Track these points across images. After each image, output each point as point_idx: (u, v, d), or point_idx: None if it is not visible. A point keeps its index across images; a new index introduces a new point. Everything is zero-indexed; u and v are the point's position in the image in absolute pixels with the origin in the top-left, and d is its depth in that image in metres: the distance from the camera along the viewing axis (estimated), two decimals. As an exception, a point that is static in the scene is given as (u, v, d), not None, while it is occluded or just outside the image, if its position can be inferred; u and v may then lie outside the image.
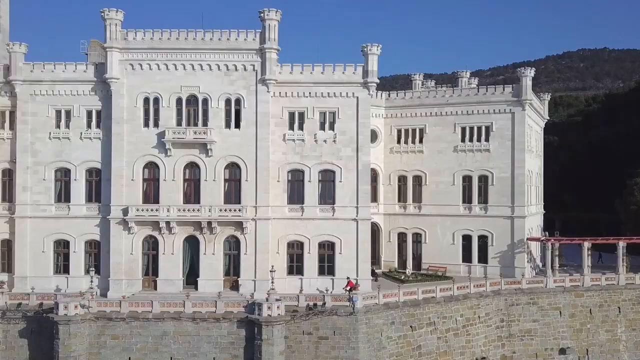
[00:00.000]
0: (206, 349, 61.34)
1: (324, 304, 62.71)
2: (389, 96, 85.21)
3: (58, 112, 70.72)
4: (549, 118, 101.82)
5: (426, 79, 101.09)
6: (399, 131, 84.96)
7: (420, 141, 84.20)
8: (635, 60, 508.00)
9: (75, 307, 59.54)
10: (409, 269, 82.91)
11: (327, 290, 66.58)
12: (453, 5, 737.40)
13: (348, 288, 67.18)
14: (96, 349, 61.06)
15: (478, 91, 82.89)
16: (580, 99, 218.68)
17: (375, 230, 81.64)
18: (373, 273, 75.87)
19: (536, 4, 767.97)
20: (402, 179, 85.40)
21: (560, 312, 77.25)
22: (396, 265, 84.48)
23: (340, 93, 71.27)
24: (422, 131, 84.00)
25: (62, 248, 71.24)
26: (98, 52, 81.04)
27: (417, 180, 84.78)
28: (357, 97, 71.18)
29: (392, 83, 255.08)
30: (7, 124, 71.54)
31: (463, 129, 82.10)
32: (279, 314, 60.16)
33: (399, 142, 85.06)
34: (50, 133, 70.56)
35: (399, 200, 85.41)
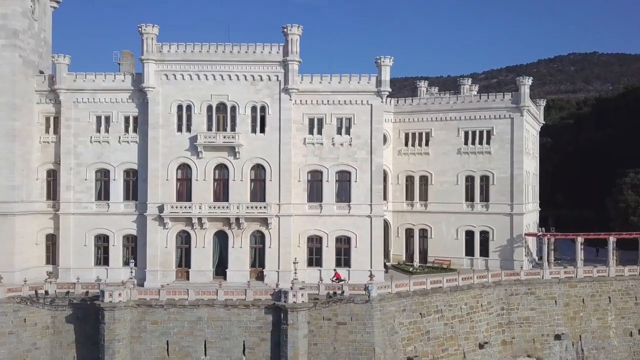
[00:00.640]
0: (237, 332, 64.52)
1: (343, 292, 65.82)
2: (397, 102, 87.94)
3: (98, 118, 74.06)
4: (544, 122, 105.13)
5: (430, 86, 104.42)
6: (407, 135, 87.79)
7: (427, 144, 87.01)
8: (624, 64, 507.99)
9: (119, 295, 63.09)
10: (416, 262, 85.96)
11: (344, 280, 70.23)
12: (449, 10, 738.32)
13: (335, 279, 71.19)
14: (137, 332, 64.29)
15: (480, 98, 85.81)
16: (572, 103, 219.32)
17: (384, 226, 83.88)
18: (384, 265, 78.83)
19: (529, 9, 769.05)
20: (409, 179, 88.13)
21: (555, 301, 79.64)
22: (404, 259, 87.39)
23: (356, 101, 74.47)
24: (428, 135, 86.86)
25: (102, 242, 74.63)
26: (129, 62, 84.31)
27: (424, 180, 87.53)
28: (371, 105, 74.41)
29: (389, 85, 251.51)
30: (51, 129, 75.04)
31: (466, 133, 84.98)
32: (302, 301, 63.37)
33: (406, 144, 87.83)
34: (91, 137, 73.94)
35: (407, 199, 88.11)
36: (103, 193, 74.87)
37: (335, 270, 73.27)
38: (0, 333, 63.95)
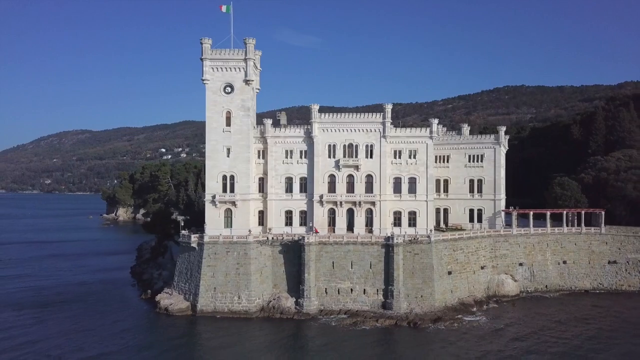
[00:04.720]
0: (367, 258, 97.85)
1: (417, 238, 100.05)
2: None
3: (286, 151, 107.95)
4: (507, 147, 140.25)
5: (444, 127, 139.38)
6: (436, 156, 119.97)
7: (447, 161, 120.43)
8: (544, 94, 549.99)
9: (311, 238, 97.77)
10: (443, 226, 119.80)
11: (415, 233, 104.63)
12: (418, 50, 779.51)
13: (314, 232, 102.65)
14: (318, 257, 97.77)
15: (476, 136, 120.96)
16: (514, 129, 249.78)
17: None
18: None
19: (474, 51, 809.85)
20: (437, 181, 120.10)
21: (519, 245, 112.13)
22: (434, 224, 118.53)
23: (419, 141, 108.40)
24: (448, 157, 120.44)
25: (288, 214, 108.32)
26: (285, 117, 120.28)
27: (446, 181, 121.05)
28: (427, 143, 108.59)
29: (367, 111, 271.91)
30: (261, 156, 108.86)
31: (469, 156, 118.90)
32: (400, 242, 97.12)
33: (436, 162, 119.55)
34: (282, 161, 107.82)
35: (436, 191, 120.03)
36: (289, 189, 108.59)
37: (312, 226, 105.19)
38: (253, 259, 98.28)
